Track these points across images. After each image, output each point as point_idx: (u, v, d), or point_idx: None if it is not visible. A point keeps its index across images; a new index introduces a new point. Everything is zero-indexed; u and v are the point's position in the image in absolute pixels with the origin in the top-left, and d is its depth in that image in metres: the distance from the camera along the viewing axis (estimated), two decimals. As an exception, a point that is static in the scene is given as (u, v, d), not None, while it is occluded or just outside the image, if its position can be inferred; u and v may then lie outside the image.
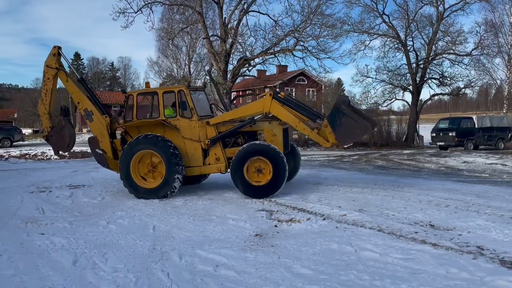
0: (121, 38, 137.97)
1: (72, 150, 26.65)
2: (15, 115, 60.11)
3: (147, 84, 11.11)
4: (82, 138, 37.08)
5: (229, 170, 9.71)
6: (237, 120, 10.17)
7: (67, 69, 11.02)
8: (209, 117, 10.30)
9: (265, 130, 10.09)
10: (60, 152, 11.41)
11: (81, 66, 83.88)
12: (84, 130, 50.35)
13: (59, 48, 10.59)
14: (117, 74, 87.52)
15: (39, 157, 22.41)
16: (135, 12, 23.05)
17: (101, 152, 10.28)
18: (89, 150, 25.33)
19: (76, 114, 54.31)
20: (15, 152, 24.80)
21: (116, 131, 10.77)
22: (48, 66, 10.50)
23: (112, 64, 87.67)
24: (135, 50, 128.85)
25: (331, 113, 9.48)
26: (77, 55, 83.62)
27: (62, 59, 10.70)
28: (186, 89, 9.93)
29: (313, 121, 9.93)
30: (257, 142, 9.70)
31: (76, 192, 10.50)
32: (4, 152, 24.52)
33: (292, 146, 10.99)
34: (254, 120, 9.99)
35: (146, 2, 23.26)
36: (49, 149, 27.36)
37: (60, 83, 10.85)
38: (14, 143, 33.36)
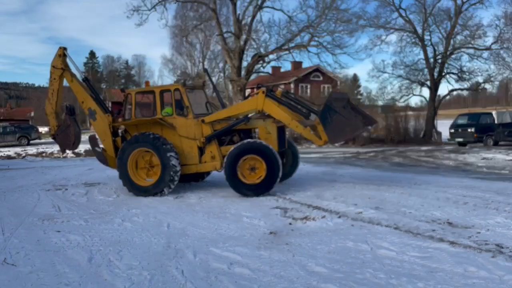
0: (136, 36, 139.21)
1: (88, 148, 26.99)
2: (32, 114, 60.95)
3: (147, 83, 11.25)
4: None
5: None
6: (233, 118, 10.16)
7: (72, 69, 11.15)
8: (205, 115, 10.29)
9: (259, 128, 10.06)
10: (66, 150, 11.69)
11: (96, 65, 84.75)
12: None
13: (65, 49, 10.87)
14: (131, 72, 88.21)
15: (55, 155, 22.71)
16: (149, 10, 23.24)
17: (100, 150, 10.53)
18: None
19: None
20: (32, 150, 25.21)
21: (119, 130, 10.95)
22: (54, 67, 10.75)
23: (127, 62, 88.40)
24: (149, 48, 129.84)
25: (322, 111, 9.28)
26: (92, 54, 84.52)
27: (68, 61, 10.94)
28: (181, 88, 10.02)
29: (306, 119, 9.80)
30: (251, 140, 9.67)
31: (91, 190, 10.61)
32: (21, 151, 24.93)
33: (290, 143, 10.90)
34: (248, 118, 9.99)
35: (160, 0, 23.36)
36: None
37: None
38: (31, 142, 33.90)
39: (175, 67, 54.57)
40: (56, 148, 26.98)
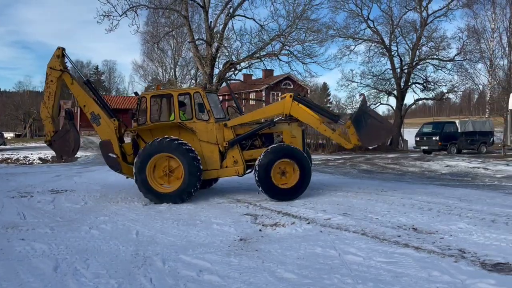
0: (106, 41, 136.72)
1: (55, 155, 26.35)
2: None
3: (158, 86, 10.92)
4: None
5: (247, 172, 9.83)
6: (255, 122, 10.16)
7: (71, 71, 10.61)
8: (224, 119, 10.20)
9: (284, 131, 10.10)
10: (64, 156, 10.96)
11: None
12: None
13: (63, 49, 10.29)
14: (101, 78, 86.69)
15: (21, 161, 22.07)
16: (120, 16, 22.96)
17: (114, 156, 9.88)
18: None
19: (59, 117, 53.58)
20: (-4, 156, 24.42)
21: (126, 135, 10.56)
22: (51, 68, 10.16)
23: (97, 67, 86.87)
24: (120, 54, 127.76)
25: (356, 115, 9.56)
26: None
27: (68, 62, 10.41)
28: (202, 91, 9.83)
29: (335, 122, 10.04)
30: (283, 144, 9.72)
31: (58, 197, 10.35)
32: (-15, 157, 24.12)
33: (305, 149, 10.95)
34: (273, 122, 10.01)
35: (131, 6, 23.17)
36: (31, 153, 26.98)
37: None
38: (-4, 148, 32.83)
39: (146, 73, 54.10)
40: (21, 154, 26.22)
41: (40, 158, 24.78)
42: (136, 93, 10.75)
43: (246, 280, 4.72)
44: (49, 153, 26.83)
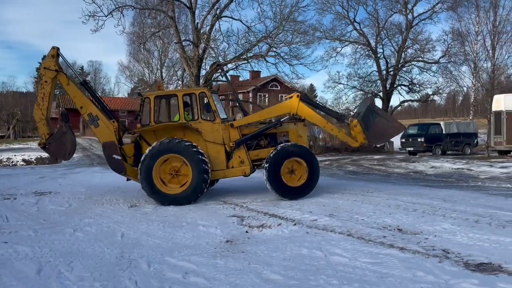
0: (91, 41, 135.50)
1: (39, 156, 26.02)
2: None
3: (159, 86, 10.84)
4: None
5: (254, 171, 9.94)
6: (259, 122, 10.23)
7: (65, 72, 10.35)
8: (226, 119, 10.19)
9: (290, 131, 10.22)
10: (58, 159, 10.66)
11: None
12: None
13: (58, 49, 10.04)
14: (87, 79, 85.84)
15: (4, 163, 21.75)
16: (105, 16, 22.74)
17: (119, 158, 9.65)
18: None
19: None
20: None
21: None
22: (46, 68, 9.90)
23: (82, 68, 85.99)
24: (105, 54, 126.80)
25: (364, 114, 9.68)
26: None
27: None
28: (208, 91, 9.80)
29: (342, 121, 10.15)
30: (292, 143, 9.83)
31: (42, 199, 10.22)
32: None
33: None
34: (280, 122, 10.07)
35: (117, 6, 22.98)
36: (14, 155, 26.61)
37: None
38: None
39: (132, 74, 53.56)
40: (5, 155, 25.84)
41: (24, 160, 24.45)
42: (139, 94, 10.65)
43: (232, 282, 4.71)
44: (33, 155, 26.51)
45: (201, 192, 9.34)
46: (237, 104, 11.81)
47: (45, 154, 26.50)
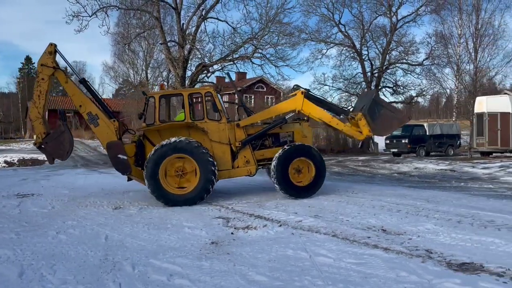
0: (75, 42, 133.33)
1: (22, 158, 25.64)
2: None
3: (162, 86, 10.72)
4: (32, 146, 35.57)
5: (258, 170, 9.96)
6: (263, 122, 10.33)
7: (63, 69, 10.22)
8: (228, 119, 10.18)
9: (295, 131, 10.33)
10: (55, 159, 10.35)
11: (32, 70, 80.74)
12: (35, 137, 48.24)
13: (56, 45, 9.81)
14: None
15: (-14, 164, 21.39)
16: (90, 16, 22.45)
17: (125, 158, 9.44)
18: (40, 157, 24.37)
19: (26, 120, 52.02)
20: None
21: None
22: (43, 65, 9.65)
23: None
24: (90, 54, 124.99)
25: (370, 106, 9.86)
26: (28, 59, 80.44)
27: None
28: (214, 91, 9.77)
29: (346, 116, 10.35)
30: (298, 143, 9.95)
31: (24, 201, 10.08)
32: None
33: None
34: (285, 120, 10.15)
35: (101, 6, 22.71)
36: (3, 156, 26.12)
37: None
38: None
39: (116, 74, 52.96)
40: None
41: (5, 162, 24.06)
42: (144, 93, 10.58)
43: (217, 284, 4.70)
44: (15, 156, 26.09)
45: (207, 192, 9.33)
46: (242, 105, 11.82)
47: (27, 156, 26.14)
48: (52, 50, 9.78)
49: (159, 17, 24.88)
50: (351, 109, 11.30)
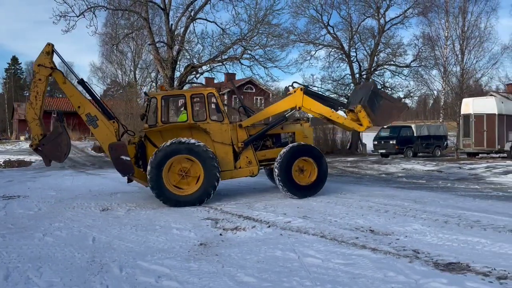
0: (62, 42, 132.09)
1: (8, 159, 25.31)
2: None
3: (163, 87, 10.68)
4: (19, 147, 35.22)
5: (261, 170, 10.10)
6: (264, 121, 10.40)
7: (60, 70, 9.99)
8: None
9: (296, 132, 10.41)
10: (52, 161, 10.14)
11: (19, 71, 79.95)
12: (22, 138, 47.75)
13: (53, 46, 9.66)
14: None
15: (-30, 166, 21.09)
16: (77, 16, 22.29)
17: (129, 159, 9.28)
18: (27, 159, 24.08)
19: (12, 121, 51.37)
20: None
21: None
22: (40, 65, 9.48)
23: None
24: (77, 55, 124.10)
25: (369, 97, 9.98)
26: (14, 59, 79.63)
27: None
28: (216, 92, 9.75)
29: (346, 109, 10.57)
30: (300, 143, 10.01)
31: (10, 203, 9.95)
32: None
33: None
34: (286, 117, 10.22)
35: (89, 6, 22.56)
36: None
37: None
38: None
39: (104, 75, 52.62)
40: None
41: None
42: (145, 93, 10.52)
43: (206, 285, 4.69)
44: (1, 157, 25.75)
45: (211, 193, 9.32)
46: (242, 105, 11.83)
47: (14, 157, 25.81)
48: (50, 50, 9.63)
49: (148, 17, 24.78)
50: (348, 102, 11.50)
